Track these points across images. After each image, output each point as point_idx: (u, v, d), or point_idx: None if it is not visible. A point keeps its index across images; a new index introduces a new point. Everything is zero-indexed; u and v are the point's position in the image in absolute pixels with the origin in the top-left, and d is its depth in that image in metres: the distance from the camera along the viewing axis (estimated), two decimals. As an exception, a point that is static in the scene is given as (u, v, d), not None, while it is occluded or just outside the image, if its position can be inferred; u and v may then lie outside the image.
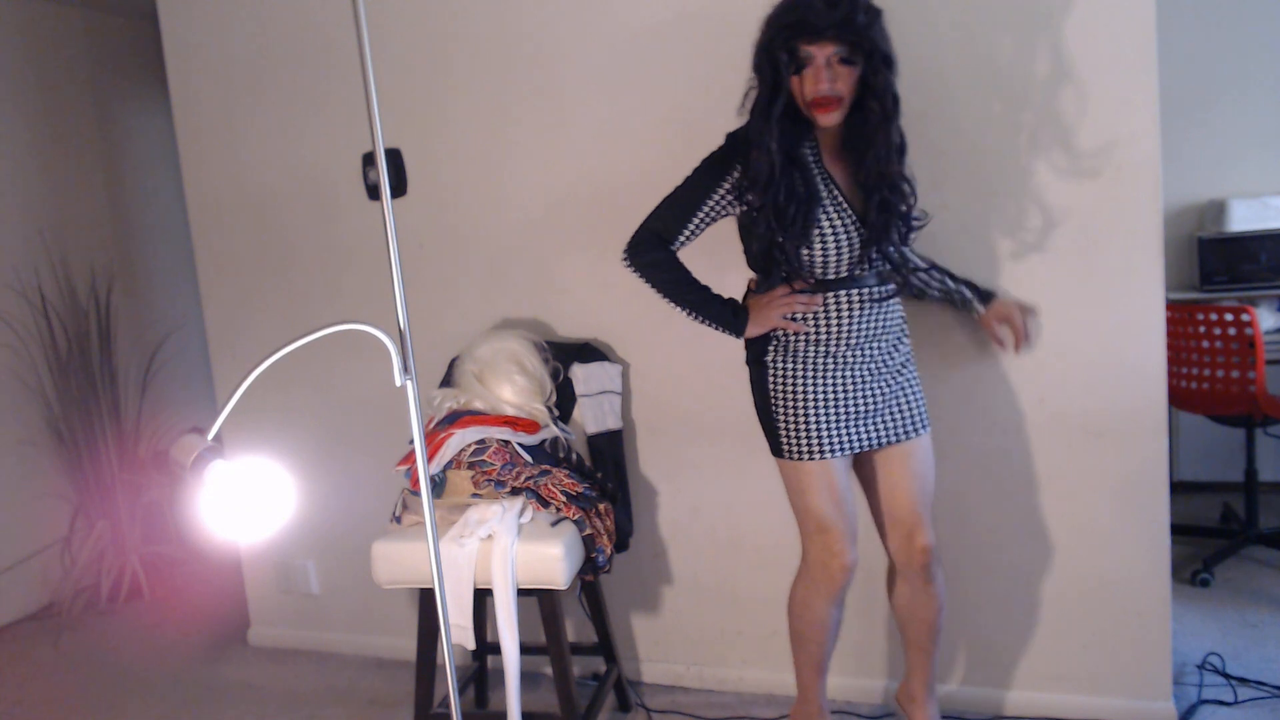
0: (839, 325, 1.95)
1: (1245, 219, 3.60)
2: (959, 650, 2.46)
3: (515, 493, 2.25)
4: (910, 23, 2.23)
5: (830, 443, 1.96)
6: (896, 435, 2.02)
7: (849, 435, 1.98)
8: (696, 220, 1.98)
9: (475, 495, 2.26)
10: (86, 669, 3.17)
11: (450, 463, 2.28)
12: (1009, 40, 2.18)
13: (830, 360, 1.97)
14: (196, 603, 3.65)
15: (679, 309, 2.03)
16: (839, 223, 1.89)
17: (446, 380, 2.57)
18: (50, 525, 3.78)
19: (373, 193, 2.79)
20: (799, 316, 1.97)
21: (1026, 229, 2.24)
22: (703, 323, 2.03)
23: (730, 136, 1.97)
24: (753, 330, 2.00)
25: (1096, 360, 2.24)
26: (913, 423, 2.03)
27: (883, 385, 2.00)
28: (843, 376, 1.97)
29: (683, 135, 2.40)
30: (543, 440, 2.39)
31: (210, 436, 1.34)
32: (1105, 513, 2.29)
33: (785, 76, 1.82)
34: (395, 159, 2.74)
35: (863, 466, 2.10)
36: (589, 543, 2.24)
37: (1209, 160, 3.77)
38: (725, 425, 2.54)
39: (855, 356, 1.97)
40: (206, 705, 2.86)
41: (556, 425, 2.44)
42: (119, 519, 3.79)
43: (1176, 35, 3.46)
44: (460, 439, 2.29)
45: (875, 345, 1.99)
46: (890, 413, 2.01)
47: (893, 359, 2.02)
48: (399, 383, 1.48)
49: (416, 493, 2.33)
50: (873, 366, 1.99)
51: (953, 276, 2.20)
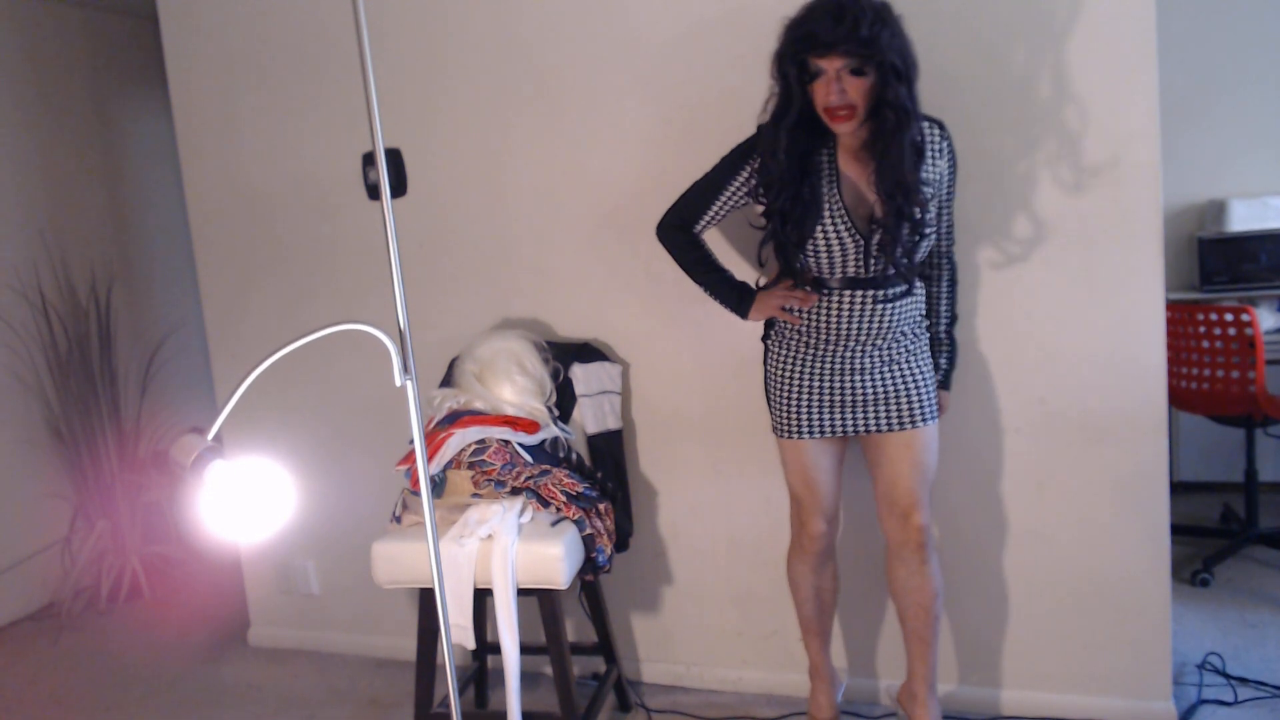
0: (832, 324, 2.03)
1: (1245, 219, 3.60)
2: (958, 650, 2.46)
3: (515, 493, 2.25)
4: (912, 23, 2.24)
5: (802, 425, 2.10)
6: (890, 424, 2.06)
7: (826, 421, 2.09)
8: (715, 208, 2.11)
9: (475, 495, 2.26)
10: (86, 669, 3.17)
11: (450, 463, 2.28)
12: (1009, 40, 2.19)
13: (814, 353, 2.08)
14: (196, 603, 3.65)
15: (697, 285, 2.19)
16: (834, 232, 1.95)
17: (446, 380, 2.57)
18: (50, 525, 3.78)
19: (373, 193, 2.79)
20: (796, 310, 2.06)
21: (1027, 229, 2.24)
22: (715, 300, 2.18)
23: (759, 129, 2.01)
24: (754, 315, 2.13)
25: (1096, 360, 2.24)
26: (911, 414, 2.05)
27: (876, 379, 2.05)
28: (828, 367, 2.07)
29: (683, 135, 2.41)
30: (543, 440, 2.39)
31: (210, 436, 1.34)
32: (1105, 513, 2.29)
33: (796, 89, 1.87)
34: (395, 159, 2.74)
35: (866, 451, 2.16)
36: (589, 543, 2.24)
37: (1209, 160, 3.77)
38: (726, 425, 2.54)
39: (846, 352, 2.04)
40: (206, 705, 2.86)
41: (556, 425, 2.44)
42: (119, 519, 3.79)
43: (1176, 35, 3.46)
44: (460, 439, 2.29)
45: (872, 344, 2.03)
46: (886, 403, 2.06)
47: (893, 354, 2.05)
48: (399, 383, 1.49)
49: (416, 493, 2.33)
50: (865, 362, 2.04)
51: (951, 342, 2.19)
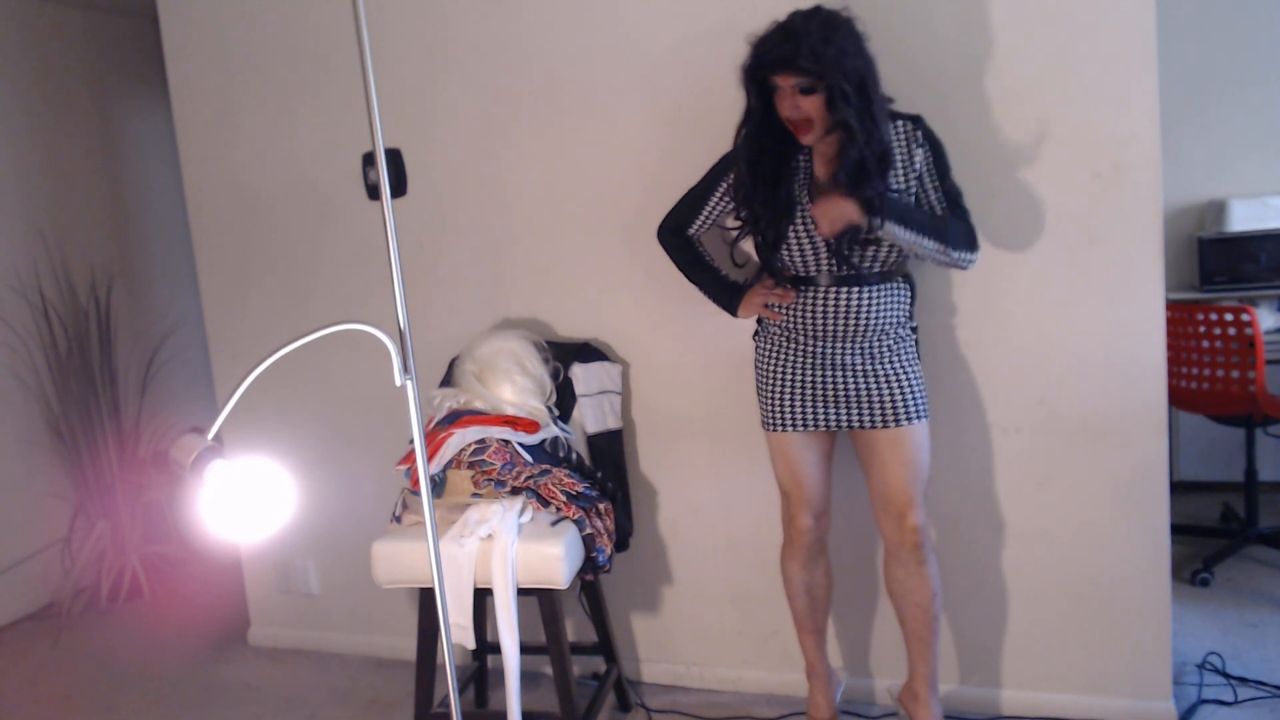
0: (814, 319, 2.09)
1: (1245, 219, 3.60)
2: (958, 650, 2.46)
3: (515, 492, 2.25)
4: (912, 24, 2.24)
5: (785, 419, 2.15)
6: (874, 421, 2.08)
7: (809, 415, 2.13)
8: (704, 214, 2.22)
9: (475, 495, 2.26)
10: (86, 669, 3.17)
11: (450, 462, 2.28)
12: (1010, 40, 2.18)
13: (797, 348, 2.13)
14: (196, 603, 3.65)
15: (692, 284, 2.29)
16: (804, 233, 2.04)
17: (446, 380, 2.57)
18: (50, 525, 3.78)
19: (373, 193, 2.79)
20: (777, 306, 2.14)
21: (1027, 229, 2.24)
22: (708, 298, 2.28)
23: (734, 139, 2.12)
24: (742, 313, 2.22)
25: (1096, 360, 2.24)
26: (895, 412, 2.07)
27: (860, 375, 2.09)
28: (811, 363, 2.12)
29: (683, 136, 2.41)
30: (543, 440, 2.39)
31: (210, 436, 1.34)
32: (1105, 513, 2.29)
33: (757, 102, 1.99)
34: (395, 159, 2.74)
35: (859, 452, 2.18)
36: (589, 542, 2.24)
37: (1209, 160, 3.77)
38: (725, 425, 2.54)
39: (828, 348, 2.09)
40: (206, 705, 2.86)
41: (556, 425, 2.44)
42: (119, 519, 3.78)
43: (1176, 35, 3.46)
44: (460, 439, 2.29)
45: (854, 340, 2.07)
46: (870, 400, 2.08)
47: (877, 351, 2.07)
48: (399, 383, 1.49)
49: (416, 492, 2.33)
50: (849, 359, 2.08)
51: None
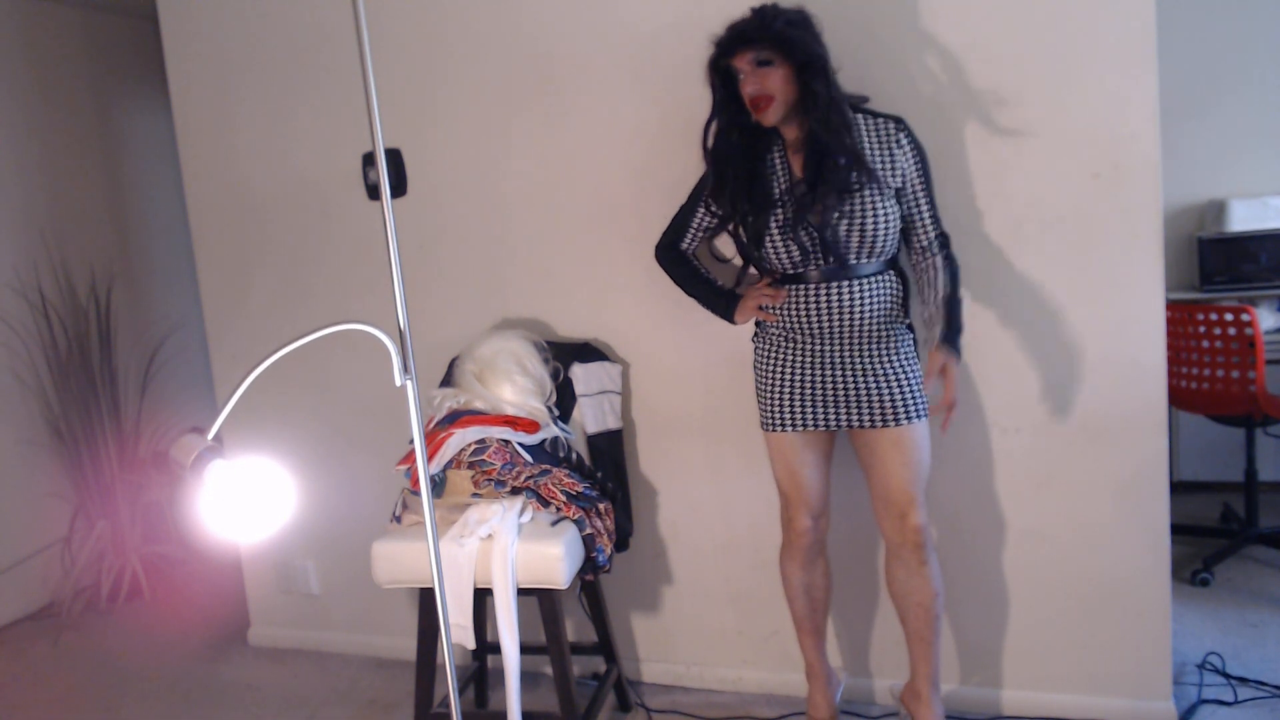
0: (808, 316, 2.09)
1: (1245, 219, 3.60)
2: (959, 650, 2.46)
3: (515, 492, 2.25)
4: (911, 24, 2.24)
5: (784, 419, 2.15)
6: (874, 421, 2.07)
7: (808, 415, 2.12)
8: (692, 230, 2.27)
9: (475, 495, 2.26)
10: (86, 669, 3.17)
11: (450, 462, 2.28)
12: (1010, 40, 2.18)
13: (794, 347, 2.13)
14: (196, 603, 3.65)
15: (690, 298, 2.32)
16: (785, 227, 2.05)
17: (446, 380, 2.57)
18: (50, 525, 3.78)
19: (373, 193, 2.79)
20: (771, 307, 2.15)
21: (1026, 229, 2.24)
22: (707, 309, 2.30)
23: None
24: (739, 319, 2.23)
25: (1096, 360, 2.24)
26: (895, 411, 2.06)
27: (858, 374, 2.08)
28: (809, 362, 2.11)
29: (682, 135, 2.41)
30: (543, 440, 2.39)
31: (210, 436, 1.34)
32: (1105, 513, 2.29)
33: (721, 96, 2.05)
34: (395, 159, 2.74)
35: (859, 452, 2.17)
36: (589, 542, 2.24)
37: (1209, 160, 3.77)
38: (725, 425, 2.54)
39: (825, 346, 2.09)
40: (206, 705, 2.86)
41: (556, 425, 2.44)
42: (119, 519, 3.78)
43: (1176, 35, 3.46)
44: (460, 439, 2.29)
45: (850, 336, 2.07)
46: (869, 400, 2.07)
47: (874, 350, 2.07)
48: (399, 383, 1.49)
49: (416, 492, 2.33)
50: (846, 358, 2.08)
51: (951, 308, 2.07)
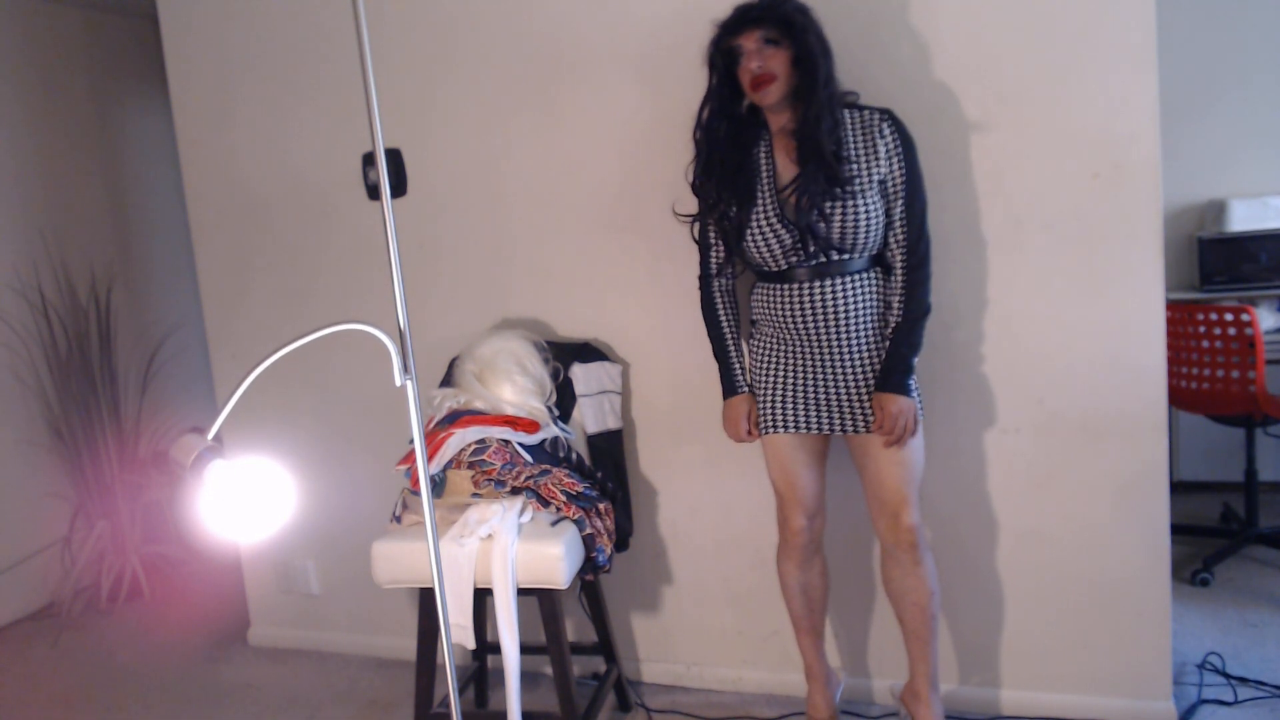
0: (794, 316, 2.08)
1: (1245, 219, 3.60)
2: (958, 650, 2.46)
3: (515, 492, 2.25)
4: (911, 24, 2.24)
5: (776, 420, 2.15)
6: (867, 424, 2.07)
7: (800, 416, 2.12)
8: (710, 240, 2.22)
9: (475, 495, 2.26)
10: (86, 669, 3.17)
11: (450, 462, 2.28)
12: (1010, 40, 2.18)
13: (786, 349, 2.12)
14: (196, 603, 3.65)
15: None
16: (767, 220, 2.04)
17: (446, 380, 2.57)
18: (50, 525, 3.78)
19: (373, 193, 2.79)
20: (765, 305, 2.14)
21: (1026, 229, 2.24)
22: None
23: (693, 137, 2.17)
24: (727, 409, 2.24)
25: (1096, 360, 2.24)
26: None
27: (848, 378, 2.08)
28: (800, 364, 2.11)
29: (684, 135, 2.40)
30: (543, 440, 2.39)
31: (210, 436, 1.34)
32: (1105, 513, 2.29)
33: (720, 80, 2.04)
34: (395, 159, 2.74)
35: (853, 454, 2.17)
36: (589, 542, 2.24)
37: (1209, 160, 3.77)
38: (725, 425, 2.54)
39: (810, 344, 2.09)
40: (206, 705, 2.86)
41: (556, 425, 2.44)
42: (119, 519, 3.78)
43: (1176, 35, 3.46)
44: (460, 439, 2.29)
45: (838, 333, 2.05)
46: (862, 401, 2.07)
47: (862, 347, 2.06)
48: (399, 383, 1.49)
49: (416, 492, 2.33)
50: (836, 356, 2.07)
51: (899, 339, 2.04)
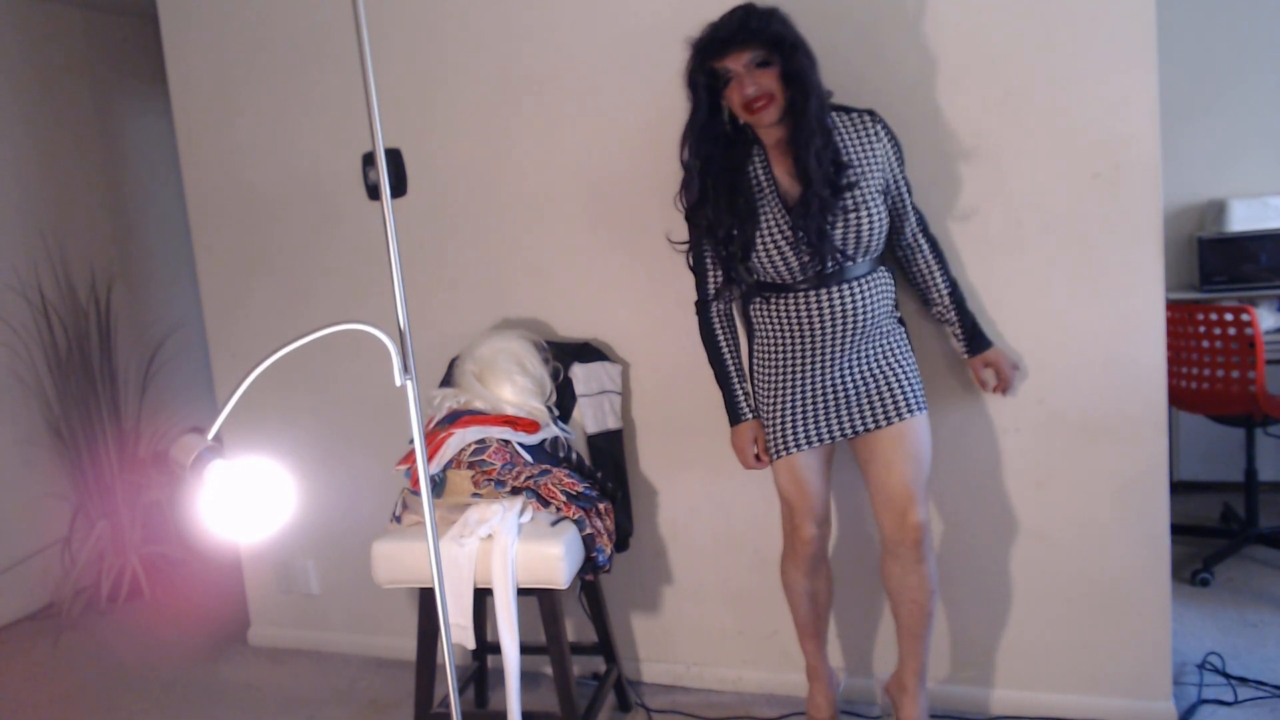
0: (805, 325, 2.05)
1: (1245, 219, 3.60)
2: (957, 650, 2.46)
3: (515, 492, 2.25)
4: (911, 24, 2.24)
5: (785, 443, 2.11)
6: (877, 421, 2.07)
7: (813, 431, 2.10)
8: (707, 266, 2.18)
9: (475, 495, 2.26)
10: (86, 669, 3.17)
11: (450, 462, 2.28)
12: (1010, 41, 2.18)
13: (795, 361, 2.09)
14: (196, 603, 3.65)
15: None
16: (774, 235, 2.00)
17: (446, 380, 2.57)
18: (50, 525, 3.78)
19: (373, 193, 2.78)
20: (767, 312, 2.09)
21: (1027, 229, 2.24)
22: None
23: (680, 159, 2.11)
24: (734, 436, 2.23)
25: (1096, 360, 2.24)
26: (896, 407, 2.06)
27: (857, 376, 2.07)
28: (810, 374, 2.08)
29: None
30: (543, 440, 2.39)
31: (210, 436, 1.34)
32: (1105, 513, 2.29)
33: (704, 101, 1.97)
34: (395, 159, 2.73)
35: (857, 451, 2.15)
36: (589, 542, 2.24)
37: (1209, 160, 3.76)
38: (725, 425, 2.53)
39: (824, 354, 2.06)
40: (206, 705, 2.86)
41: (556, 425, 2.44)
42: (119, 519, 3.78)
43: (1176, 35, 3.46)
44: (460, 439, 2.29)
45: (848, 340, 2.04)
46: (870, 400, 2.07)
47: (871, 349, 2.06)
48: (399, 383, 1.49)
49: (416, 492, 2.33)
50: (844, 362, 2.06)
51: (960, 308, 2.19)
